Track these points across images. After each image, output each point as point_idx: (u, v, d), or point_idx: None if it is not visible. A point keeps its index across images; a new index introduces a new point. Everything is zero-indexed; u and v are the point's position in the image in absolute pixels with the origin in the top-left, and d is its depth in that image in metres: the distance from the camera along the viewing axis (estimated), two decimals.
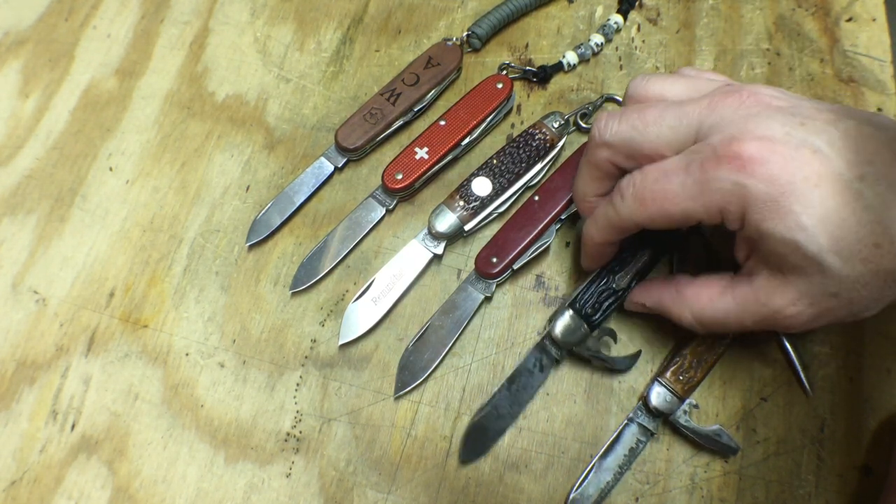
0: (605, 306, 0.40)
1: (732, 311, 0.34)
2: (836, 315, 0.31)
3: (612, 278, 0.40)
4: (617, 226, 0.35)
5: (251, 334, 0.42)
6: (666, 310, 0.37)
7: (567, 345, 0.39)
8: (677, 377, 0.39)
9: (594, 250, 0.39)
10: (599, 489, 0.37)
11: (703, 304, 0.35)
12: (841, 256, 0.29)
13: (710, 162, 0.30)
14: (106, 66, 0.51)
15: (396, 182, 0.44)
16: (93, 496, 0.39)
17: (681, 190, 0.31)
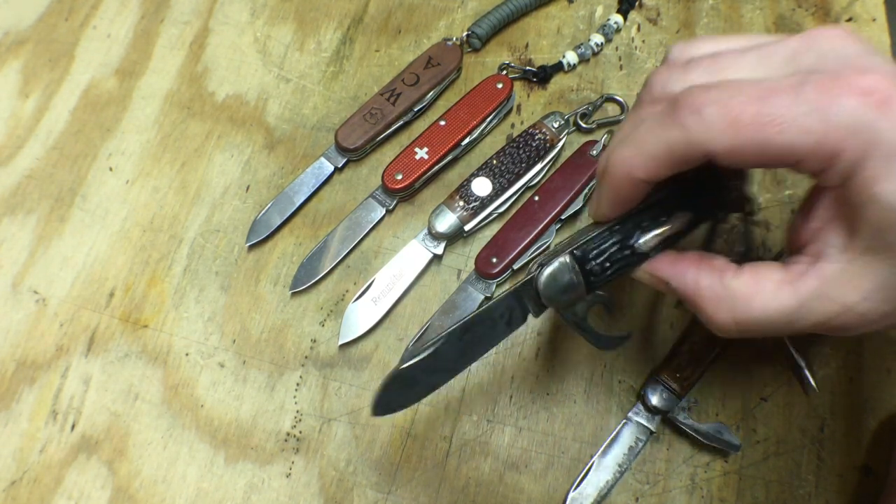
0: (616, 267, 0.30)
1: (788, 310, 0.26)
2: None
3: (638, 235, 0.30)
4: (680, 153, 0.26)
5: (251, 334, 0.42)
6: (697, 300, 0.29)
7: (552, 301, 0.31)
8: (675, 375, 0.39)
9: (627, 189, 0.28)
10: (599, 489, 0.37)
11: (752, 303, 0.27)
12: None
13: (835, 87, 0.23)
14: (106, 66, 0.51)
15: (396, 182, 0.44)
16: (93, 496, 0.39)
17: (791, 115, 0.23)
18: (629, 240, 0.30)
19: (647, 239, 0.30)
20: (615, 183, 0.28)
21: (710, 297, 0.28)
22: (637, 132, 0.27)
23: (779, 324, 0.27)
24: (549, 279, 0.30)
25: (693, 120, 0.25)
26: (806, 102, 0.23)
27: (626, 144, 0.27)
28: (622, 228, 0.30)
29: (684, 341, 0.40)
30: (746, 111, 0.24)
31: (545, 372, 0.41)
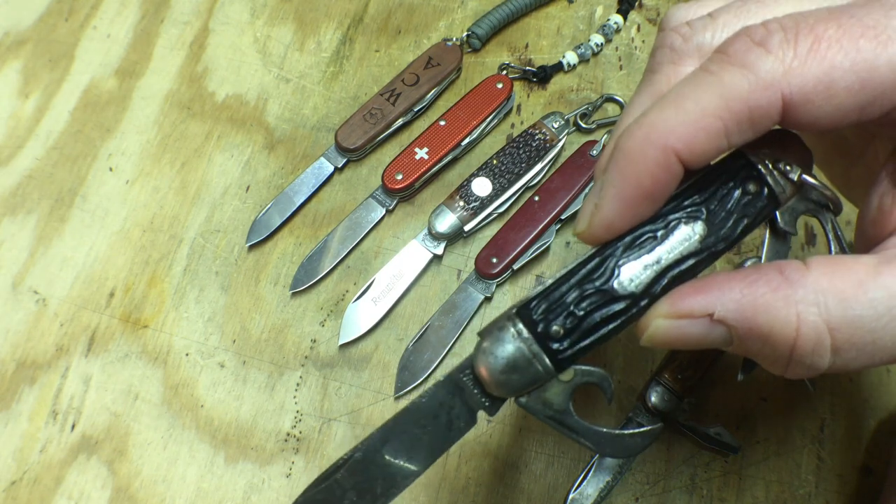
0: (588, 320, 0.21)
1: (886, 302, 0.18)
2: None
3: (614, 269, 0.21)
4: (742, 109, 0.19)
5: (251, 334, 0.42)
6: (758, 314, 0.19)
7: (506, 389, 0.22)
8: (676, 376, 0.39)
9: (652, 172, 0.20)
10: (599, 489, 0.37)
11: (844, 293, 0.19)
12: None
13: None
14: (106, 66, 0.51)
15: (396, 182, 0.44)
16: (93, 496, 0.39)
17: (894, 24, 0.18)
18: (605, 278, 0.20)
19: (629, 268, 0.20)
20: (636, 165, 0.19)
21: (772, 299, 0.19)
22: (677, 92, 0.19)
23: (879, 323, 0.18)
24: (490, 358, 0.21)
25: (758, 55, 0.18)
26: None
27: (654, 110, 0.20)
28: (589, 264, 0.21)
29: None
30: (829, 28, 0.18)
31: None
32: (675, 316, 0.20)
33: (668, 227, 0.20)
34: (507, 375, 0.21)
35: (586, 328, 0.21)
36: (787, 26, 0.18)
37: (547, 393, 0.22)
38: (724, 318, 0.19)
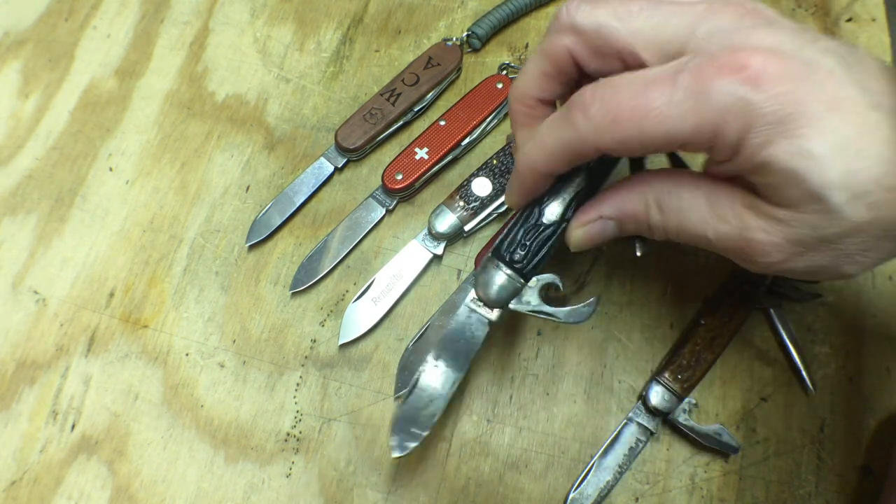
0: (535, 248, 0.32)
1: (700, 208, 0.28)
2: (816, 262, 0.27)
3: (540, 211, 0.32)
4: (573, 149, 0.29)
5: (251, 334, 0.42)
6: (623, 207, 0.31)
7: (499, 302, 0.33)
8: (676, 376, 0.39)
9: (529, 179, 0.32)
10: (599, 489, 0.37)
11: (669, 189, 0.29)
12: (850, 195, 0.24)
13: (709, 71, 0.25)
14: (106, 66, 0.51)
15: (396, 182, 0.44)
16: (93, 496, 0.39)
17: (668, 106, 0.25)
18: (536, 217, 0.33)
19: (550, 208, 0.32)
20: (522, 176, 0.32)
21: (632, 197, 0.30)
22: (540, 132, 0.30)
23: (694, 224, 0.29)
24: (484, 284, 0.33)
25: (581, 119, 0.27)
26: (681, 90, 0.25)
27: (532, 143, 0.30)
28: (525, 213, 0.33)
29: (685, 342, 0.40)
30: (625, 107, 0.26)
31: (545, 372, 0.41)
32: (581, 224, 0.32)
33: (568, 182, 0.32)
34: (498, 293, 0.33)
35: (534, 250, 0.33)
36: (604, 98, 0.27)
37: (524, 297, 0.33)
38: (609, 215, 0.31)
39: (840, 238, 0.26)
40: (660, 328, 0.42)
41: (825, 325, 0.41)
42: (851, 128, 0.24)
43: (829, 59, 0.25)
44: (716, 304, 0.41)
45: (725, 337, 0.40)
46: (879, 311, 0.42)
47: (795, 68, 0.25)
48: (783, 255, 0.27)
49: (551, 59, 0.31)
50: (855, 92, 0.25)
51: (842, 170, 0.24)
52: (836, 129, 0.24)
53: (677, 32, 0.27)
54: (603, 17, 0.29)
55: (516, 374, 0.41)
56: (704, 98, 0.25)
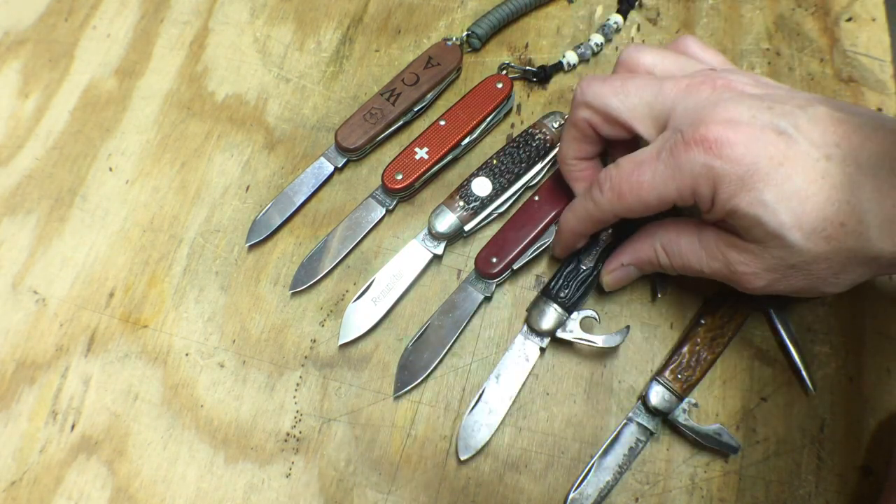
0: (576, 287, 0.40)
1: (696, 251, 0.35)
2: (794, 285, 0.33)
3: (580, 261, 0.41)
4: (596, 217, 0.37)
5: (251, 334, 0.42)
6: (638, 255, 0.38)
7: (547, 332, 0.40)
8: (676, 376, 0.39)
9: (569, 239, 0.40)
10: (599, 489, 0.37)
11: (670, 237, 0.36)
12: (803, 232, 0.30)
13: (680, 147, 0.32)
14: (106, 66, 0.51)
15: (396, 182, 0.44)
16: (93, 496, 0.39)
17: (654, 178, 0.33)
18: (577, 265, 0.41)
19: (585, 259, 0.41)
20: (563, 236, 0.40)
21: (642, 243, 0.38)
22: (573, 204, 0.39)
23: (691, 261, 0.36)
24: (536, 317, 0.40)
25: (598, 196, 0.36)
26: (663, 164, 0.33)
27: (569, 212, 0.39)
28: (569, 261, 0.41)
29: (685, 342, 0.40)
30: (624, 184, 0.34)
31: (545, 372, 0.41)
32: (609, 272, 0.40)
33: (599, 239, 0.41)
34: (547, 324, 0.40)
35: (575, 290, 0.41)
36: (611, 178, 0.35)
37: (568, 327, 0.40)
38: (628, 262, 0.39)
39: (808, 265, 0.31)
40: (660, 328, 0.42)
41: (825, 325, 0.41)
42: (799, 178, 0.30)
43: (781, 121, 0.31)
44: (716, 304, 0.41)
45: (725, 337, 0.40)
46: (879, 311, 0.42)
47: (748, 134, 0.30)
48: (764, 281, 0.33)
49: (576, 128, 0.38)
50: (804, 147, 0.30)
51: (791, 213, 0.30)
52: (784, 181, 0.30)
53: (662, 110, 0.34)
54: (606, 95, 0.35)
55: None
56: (679, 169, 0.32)
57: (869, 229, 0.30)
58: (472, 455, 0.39)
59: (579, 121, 0.37)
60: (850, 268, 0.31)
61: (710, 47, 0.38)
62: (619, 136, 0.37)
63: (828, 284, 0.32)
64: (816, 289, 0.33)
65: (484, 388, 0.40)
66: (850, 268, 0.31)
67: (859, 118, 0.31)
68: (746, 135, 0.30)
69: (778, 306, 0.41)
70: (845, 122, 0.31)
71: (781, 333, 0.40)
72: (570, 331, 0.40)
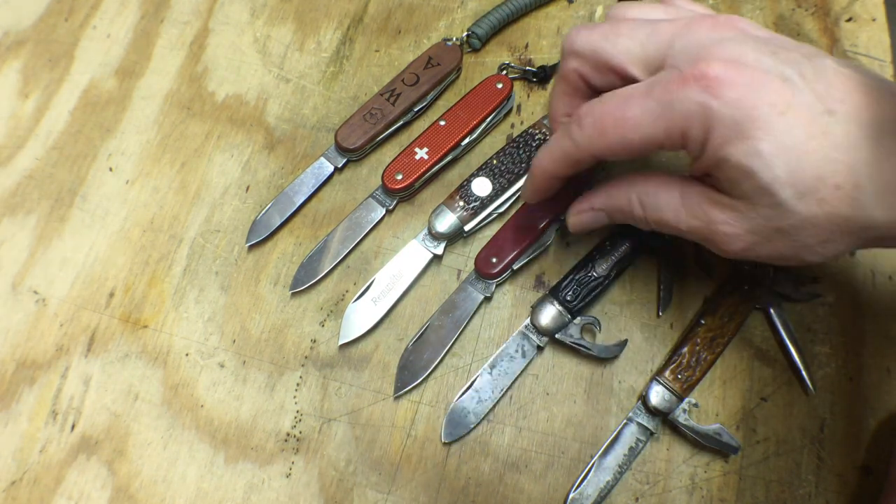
0: (584, 293, 0.40)
1: (675, 206, 0.33)
2: (777, 250, 0.30)
3: (593, 267, 0.40)
4: (572, 156, 0.34)
5: (251, 334, 0.42)
6: (613, 202, 0.36)
7: (548, 331, 0.40)
8: (676, 376, 0.39)
9: (541, 182, 0.37)
10: (599, 489, 0.37)
11: (649, 189, 0.34)
12: (796, 191, 0.28)
13: (676, 83, 0.29)
14: (106, 66, 0.51)
15: (396, 182, 0.44)
16: (93, 496, 0.39)
17: (642, 114, 0.30)
18: (589, 271, 0.40)
19: (599, 266, 0.40)
20: (535, 179, 0.37)
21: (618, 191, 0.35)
22: (549, 141, 0.36)
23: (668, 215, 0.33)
24: (541, 315, 0.40)
25: (577, 131, 0.33)
26: (653, 100, 0.30)
27: (543, 149, 0.36)
28: (582, 264, 0.41)
29: (685, 342, 0.40)
30: (609, 119, 0.31)
31: (545, 372, 0.41)
32: (577, 212, 0.38)
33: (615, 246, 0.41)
34: (550, 323, 0.40)
35: (582, 295, 0.40)
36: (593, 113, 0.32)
37: (569, 331, 0.40)
38: (599, 207, 0.37)
39: (795, 229, 0.29)
40: (660, 328, 0.42)
41: (825, 325, 0.41)
42: (800, 131, 0.27)
43: (787, 68, 0.28)
44: (716, 304, 0.41)
45: (725, 337, 0.40)
46: (879, 311, 0.42)
47: (751, 77, 0.28)
48: (745, 244, 0.31)
49: (566, 81, 0.36)
50: (808, 99, 0.28)
51: (787, 168, 0.27)
52: (785, 132, 0.27)
53: (658, 49, 0.31)
54: (596, 40, 0.33)
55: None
56: (671, 106, 0.29)
57: (864, 195, 0.27)
58: (454, 440, 0.39)
59: (569, 72, 0.35)
60: (838, 236, 0.29)
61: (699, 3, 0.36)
62: (612, 84, 0.34)
63: (811, 253, 0.30)
64: (798, 256, 0.30)
65: (476, 377, 0.40)
66: (838, 236, 0.29)
67: (864, 77, 0.29)
68: (749, 77, 0.28)
69: (778, 306, 0.41)
70: (850, 78, 0.28)
71: (781, 333, 0.40)
72: (570, 334, 0.40)
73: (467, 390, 0.40)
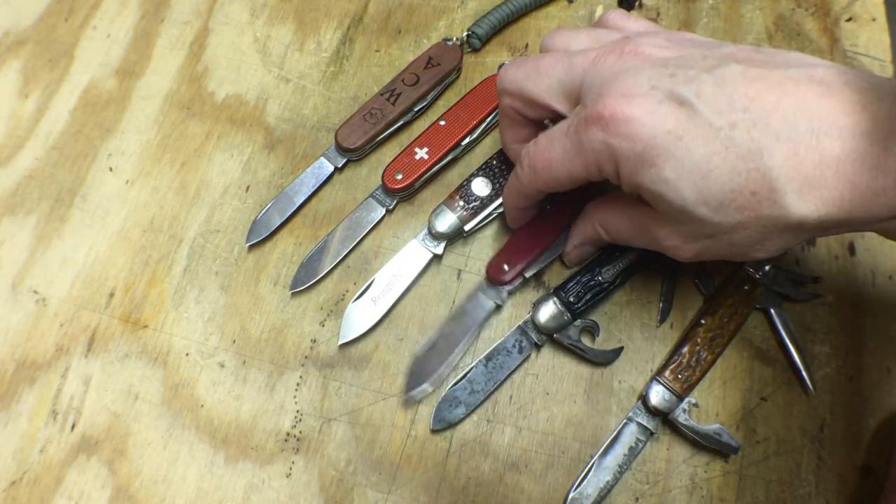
0: (588, 297, 0.40)
1: (626, 227, 0.36)
2: (721, 252, 0.32)
3: (599, 271, 0.41)
4: (522, 192, 0.37)
5: (251, 334, 0.42)
6: (585, 235, 0.39)
7: (547, 330, 0.40)
8: (676, 376, 0.39)
9: (510, 212, 0.41)
10: (599, 489, 0.37)
11: (605, 216, 0.37)
12: (710, 206, 0.29)
13: (582, 125, 0.31)
14: (106, 66, 0.51)
15: (396, 182, 0.44)
16: (93, 496, 0.39)
17: (562, 155, 0.32)
18: (594, 275, 0.41)
19: (605, 270, 0.41)
20: (508, 210, 0.41)
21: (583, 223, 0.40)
22: (510, 177, 0.38)
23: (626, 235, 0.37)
24: (542, 314, 0.40)
25: (520, 172, 0.36)
26: (569, 141, 0.32)
27: (506, 187, 0.39)
28: (588, 268, 0.41)
29: (685, 342, 0.40)
30: (538, 160, 0.34)
31: (545, 372, 0.41)
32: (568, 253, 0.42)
33: (623, 252, 0.41)
34: (550, 322, 0.40)
35: (586, 298, 0.40)
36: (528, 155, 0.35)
37: (568, 332, 0.40)
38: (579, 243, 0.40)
39: (726, 234, 0.30)
40: (660, 328, 0.42)
41: (825, 325, 0.41)
42: (701, 150, 0.28)
43: (683, 89, 0.29)
44: (716, 304, 0.41)
45: (725, 337, 0.40)
46: (879, 311, 0.42)
47: (645, 108, 0.29)
48: (691, 252, 0.33)
49: (505, 116, 0.38)
50: (706, 118, 0.28)
51: (694, 188, 0.29)
52: (685, 156, 0.28)
53: (573, 84, 0.33)
54: (521, 80, 0.35)
55: (516, 374, 0.41)
56: (582, 147, 0.31)
57: (785, 196, 0.28)
58: (442, 428, 0.39)
59: (506, 108, 0.37)
60: (773, 234, 0.30)
61: (637, 17, 0.37)
62: (543, 116, 0.36)
63: (755, 251, 0.31)
64: (745, 255, 0.32)
65: (470, 368, 0.40)
66: (773, 234, 0.30)
67: (780, 73, 0.28)
68: (642, 108, 0.29)
69: (778, 306, 0.41)
70: (760, 78, 0.28)
71: (781, 333, 0.40)
72: (569, 335, 0.40)
73: (460, 380, 0.40)
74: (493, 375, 0.40)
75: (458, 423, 0.39)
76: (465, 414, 0.39)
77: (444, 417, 0.39)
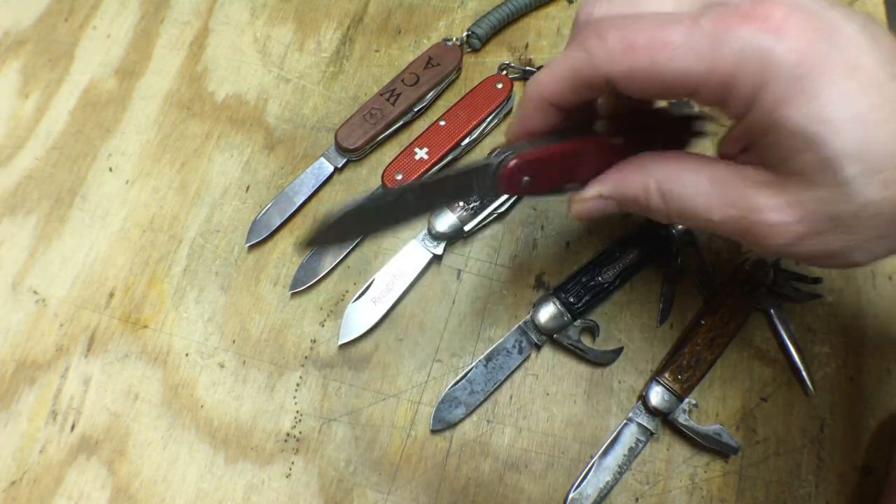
0: (588, 297, 0.40)
1: (704, 192, 0.27)
2: (827, 246, 0.26)
3: (599, 271, 0.40)
4: (581, 75, 0.27)
5: (251, 334, 0.42)
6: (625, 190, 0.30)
7: (547, 331, 0.40)
8: (676, 376, 0.39)
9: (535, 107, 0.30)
10: (599, 489, 0.37)
11: (670, 173, 0.28)
12: (864, 167, 0.23)
13: (731, 17, 0.24)
14: (106, 66, 0.51)
15: (396, 182, 0.44)
16: (93, 496, 0.39)
17: (684, 44, 0.24)
18: (595, 275, 0.40)
19: (605, 271, 0.40)
20: (529, 103, 0.30)
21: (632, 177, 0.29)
22: (554, 60, 0.28)
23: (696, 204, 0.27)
24: (542, 314, 0.40)
25: (595, 44, 0.26)
26: (700, 30, 0.24)
27: (544, 70, 0.29)
28: (588, 268, 0.41)
29: (685, 342, 0.40)
30: (641, 36, 0.25)
31: (545, 372, 0.41)
32: (581, 200, 0.31)
33: (623, 253, 0.41)
34: (550, 322, 0.40)
35: (586, 299, 0.40)
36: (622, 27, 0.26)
37: (568, 332, 0.40)
38: (608, 195, 0.31)
39: (854, 218, 0.24)
40: (660, 328, 0.42)
41: (825, 325, 0.41)
42: (869, 97, 0.23)
43: (850, 23, 0.24)
44: (716, 304, 0.41)
45: (725, 337, 0.40)
46: (879, 311, 0.42)
47: (818, 27, 0.23)
48: (792, 236, 0.25)
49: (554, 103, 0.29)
50: (874, 61, 0.23)
51: (857, 140, 0.23)
52: (854, 97, 0.23)
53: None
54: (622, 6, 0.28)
55: (516, 375, 0.41)
56: (723, 41, 0.24)
57: None
58: (442, 428, 0.39)
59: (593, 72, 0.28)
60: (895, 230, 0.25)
61: None
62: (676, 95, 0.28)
63: (862, 251, 0.26)
64: (846, 256, 0.26)
65: (470, 368, 0.40)
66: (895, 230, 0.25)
67: None
68: (816, 27, 0.23)
69: (778, 306, 0.41)
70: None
71: (781, 333, 0.40)
72: (569, 336, 0.40)
73: (460, 380, 0.40)
74: (493, 376, 0.40)
75: (457, 423, 0.39)
76: (465, 414, 0.39)
77: (443, 418, 0.39)
